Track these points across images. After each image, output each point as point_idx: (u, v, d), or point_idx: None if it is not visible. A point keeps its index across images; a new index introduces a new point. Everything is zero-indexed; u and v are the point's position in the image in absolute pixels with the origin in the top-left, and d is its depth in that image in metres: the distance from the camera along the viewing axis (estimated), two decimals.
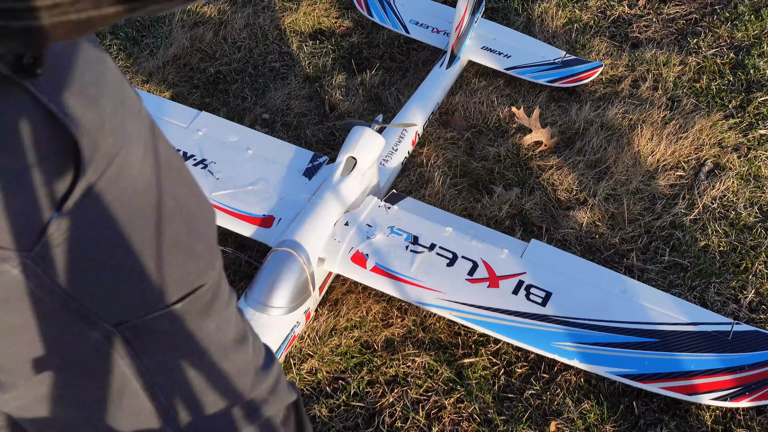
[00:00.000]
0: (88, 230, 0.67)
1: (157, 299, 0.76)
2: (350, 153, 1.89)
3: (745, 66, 2.51)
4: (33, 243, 0.64)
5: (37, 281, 0.66)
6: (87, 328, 0.72)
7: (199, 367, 0.85)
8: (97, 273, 0.70)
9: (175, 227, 0.75)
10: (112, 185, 0.67)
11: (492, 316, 1.67)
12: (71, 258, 0.67)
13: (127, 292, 0.73)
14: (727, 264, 1.94)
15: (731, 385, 1.53)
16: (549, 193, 2.17)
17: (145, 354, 0.78)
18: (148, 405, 0.83)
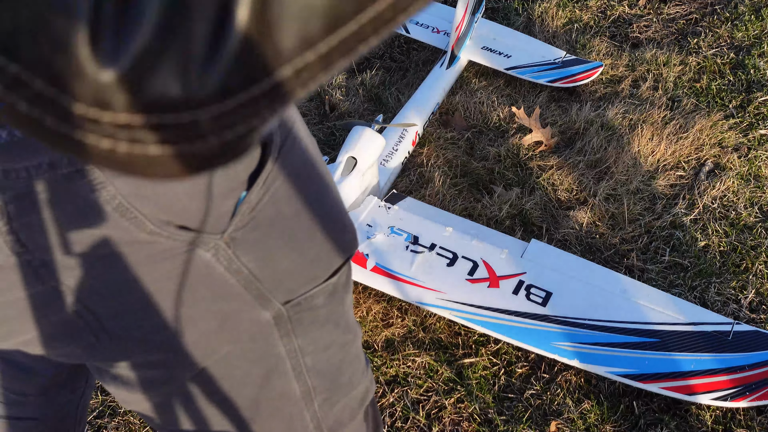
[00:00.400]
0: (271, 206, 0.66)
1: (321, 272, 0.76)
2: (350, 153, 1.89)
3: (745, 66, 2.51)
4: (225, 225, 0.64)
5: (227, 263, 0.66)
6: (260, 309, 0.72)
7: (340, 345, 0.85)
8: (278, 249, 0.69)
9: (330, 199, 0.76)
10: (289, 158, 0.67)
11: (492, 316, 1.68)
12: (257, 237, 0.66)
13: (301, 266, 0.73)
14: (728, 264, 1.94)
15: (731, 385, 1.53)
16: (549, 193, 2.17)
17: (301, 332, 0.78)
18: (294, 386, 0.82)
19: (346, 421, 0.94)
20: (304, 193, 0.70)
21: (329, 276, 0.77)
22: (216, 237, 0.64)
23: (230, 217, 0.64)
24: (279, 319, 0.74)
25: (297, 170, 0.69)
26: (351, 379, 0.91)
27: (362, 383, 0.95)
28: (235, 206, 0.63)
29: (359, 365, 0.93)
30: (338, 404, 0.91)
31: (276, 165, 0.65)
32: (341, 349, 0.86)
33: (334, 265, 0.77)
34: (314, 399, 0.86)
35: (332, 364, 0.86)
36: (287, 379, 0.81)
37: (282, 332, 0.76)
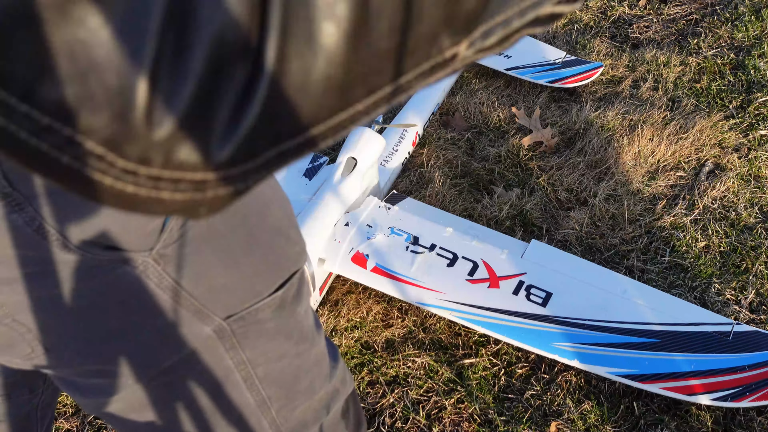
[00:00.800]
0: (201, 225, 0.67)
1: (263, 287, 0.76)
2: (350, 153, 1.89)
3: (745, 66, 2.51)
4: (153, 243, 0.64)
5: (158, 280, 0.66)
6: (199, 324, 0.72)
7: (294, 355, 0.86)
8: (212, 265, 0.70)
9: (275, 214, 0.76)
10: None
11: (492, 316, 1.67)
12: (188, 253, 0.67)
13: (239, 282, 0.73)
14: (728, 264, 1.94)
15: (731, 386, 1.53)
16: (549, 193, 2.17)
17: (248, 345, 0.78)
18: (247, 396, 0.83)
19: (310, 423, 0.95)
20: (242, 208, 0.70)
21: (274, 290, 0.77)
22: (144, 254, 0.64)
23: (158, 234, 0.64)
24: (221, 333, 0.74)
25: None
26: (312, 384, 0.91)
27: (326, 387, 0.95)
28: (163, 223, 0.64)
29: (320, 370, 0.93)
30: (298, 409, 0.91)
31: None
32: (296, 358, 0.86)
33: (279, 280, 0.77)
34: (270, 407, 0.86)
35: (287, 374, 0.86)
36: (239, 390, 0.82)
37: (227, 345, 0.76)
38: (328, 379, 0.95)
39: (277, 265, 0.77)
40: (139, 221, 0.62)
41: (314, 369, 0.91)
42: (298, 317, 0.84)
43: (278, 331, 0.81)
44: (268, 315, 0.78)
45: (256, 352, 0.80)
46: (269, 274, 0.76)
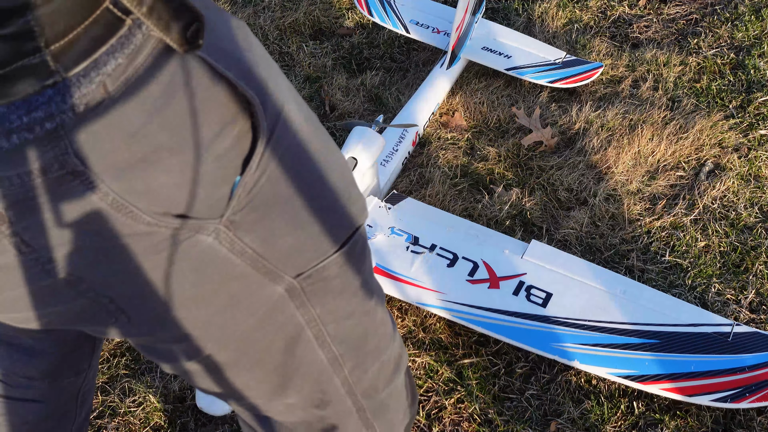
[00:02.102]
0: (268, 187, 0.68)
1: (330, 244, 0.78)
2: (351, 153, 1.89)
3: (745, 66, 2.51)
4: (223, 209, 0.66)
5: (230, 245, 0.68)
6: (271, 284, 0.74)
7: (361, 313, 0.88)
8: (280, 227, 0.72)
9: (335, 174, 0.78)
10: (281, 140, 0.69)
11: (492, 316, 1.68)
12: (257, 218, 0.69)
13: (306, 241, 0.75)
14: (728, 264, 1.94)
15: (731, 387, 1.54)
16: (549, 193, 2.17)
17: (317, 302, 0.80)
18: (319, 353, 0.85)
19: (381, 387, 0.98)
20: (303, 171, 0.72)
21: (339, 247, 0.79)
22: (215, 221, 0.66)
23: (227, 202, 0.66)
24: (292, 291, 0.77)
25: (292, 150, 0.71)
26: (378, 344, 0.94)
27: (391, 348, 0.98)
28: (231, 190, 0.65)
29: (385, 331, 0.95)
30: (370, 370, 0.94)
31: (269, 148, 0.67)
32: (364, 317, 0.89)
33: (342, 237, 0.80)
34: (343, 365, 0.89)
35: (356, 332, 0.89)
36: (311, 347, 0.84)
37: (297, 303, 0.78)
38: (392, 343, 0.98)
39: (340, 223, 0.79)
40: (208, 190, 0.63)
41: (380, 329, 0.94)
42: (363, 275, 0.86)
43: (344, 288, 0.83)
44: (334, 272, 0.80)
45: (326, 309, 0.82)
46: (334, 231, 0.78)
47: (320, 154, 0.76)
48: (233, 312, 0.74)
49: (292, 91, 0.74)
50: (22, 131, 0.53)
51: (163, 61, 0.57)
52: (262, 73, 0.66)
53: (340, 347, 0.87)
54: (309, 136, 0.74)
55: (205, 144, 0.61)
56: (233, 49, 0.64)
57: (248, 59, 0.65)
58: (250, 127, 0.65)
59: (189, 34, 0.55)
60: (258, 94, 0.64)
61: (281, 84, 0.71)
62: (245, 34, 0.68)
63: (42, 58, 0.51)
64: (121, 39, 0.54)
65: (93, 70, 0.54)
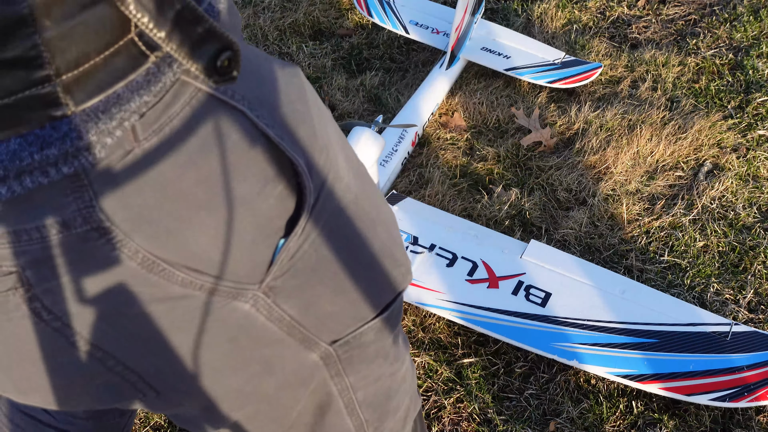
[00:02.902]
0: (311, 253, 0.64)
1: (368, 311, 0.74)
2: None
3: (744, 67, 2.51)
4: (263, 275, 0.61)
5: (267, 313, 0.64)
6: (306, 351, 0.70)
7: (389, 375, 0.84)
8: (321, 294, 0.67)
9: (380, 235, 0.73)
10: (327, 202, 0.64)
11: (492, 316, 1.68)
12: (298, 284, 0.64)
13: (345, 308, 0.71)
14: (726, 264, 1.94)
15: (730, 386, 1.54)
16: (548, 193, 2.18)
17: (351, 370, 0.76)
18: (347, 422, 0.81)
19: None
20: (348, 235, 0.68)
21: (378, 313, 0.75)
22: (254, 287, 0.61)
23: (268, 267, 0.61)
24: (328, 359, 0.72)
25: (339, 213, 0.66)
26: (398, 402, 0.90)
27: (407, 402, 0.93)
28: (273, 255, 0.61)
29: (407, 387, 0.91)
30: (387, 427, 0.90)
31: (317, 209, 0.62)
32: (390, 378, 0.85)
33: (383, 303, 0.75)
34: (366, 430, 0.85)
35: (381, 394, 0.85)
36: (341, 417, 0.80)
37: (332, 372, 0.74)
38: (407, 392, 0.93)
39: (383, 288, 0.75)
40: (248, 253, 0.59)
41: (402, 386, 0.89)
42: (395, 337, 0.82)
43: (378, 353, 0.79)
44: (371, 338, 0.75)
45: (359, 376, 0.78)
46: (375, 297, 0.74)
47: (368, 214, 0.70)
48: (266, 379, 0.69)
49: (342, 143, 0.68)
50: (35, 172, 0.47)
51: (200, 112, 0.53)
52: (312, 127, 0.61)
53: (366, 413, 0.83)
54: (358, 196, 0.68)
55: (245, 203, 0.56)
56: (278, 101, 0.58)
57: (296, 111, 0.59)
58: (294, 188, 0.60)
59: (219, 63, 0.49)
60: (304, 155, 0.59)
61: (332, 139, 0.65)
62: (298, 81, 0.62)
63: (52, 88, 0.46)
64: (147, 76, 0.49)
65: (114, 107, 0.48)
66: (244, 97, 0.55)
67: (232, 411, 0.71)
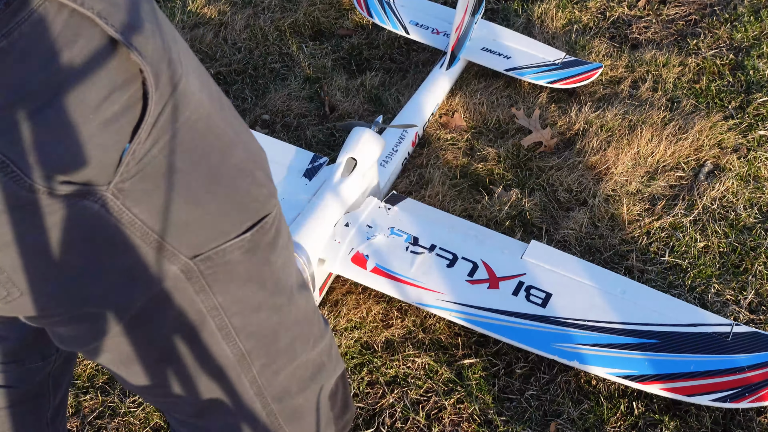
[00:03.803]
0: (161, 158, 0.67)
1: (229, 228, 0.76)
2: (350, 154, 1.89)
3: (744, 67, 2.51)
4: (110, 176, 0.64)
5: (118, 215, 0.67)
6: (165, 262, 0.72)
7: (271, 307, 0.85)
8: (173, 203, 0.70)
9: (237, 154, 0.76)
10: (176, 112, 0.67)
11: (492, 317, 1.68)
12: (148, 188, 0.67)
13: (203, 221, 0.73)
14: (727, 265, 1.94)
15: (731, 387, 1.54)
16: (549, 194, 2.17)
17: (218, 289, 0.78)
18: (224, 348, 0.83)
19: (294, 392, 0.94)
20: (200, 147, 0.71)
21: (242, 232, 0.77)
22: (102, 188, 0.64)
23: (115, 168, 0.64)
24: (189, 273, 0.75)
25: (189, 124, 0.69)
26: (292, 344, 0.90)
27: (309, 353, 0.94)
28: (120, 157, 0.64)
29: (302, 332, 0.92)
30: (282, 372, 0.91)
31: (163, 118, 0.66)
32: (275, 313, 0.86)
33: (247, 222, 0.77)
34: (252, 364, 0.86)
35: (265, 328, 0.86)
36: (216, 340, 0.81)
37: (197, 288, 0.76)
38: (312, 346, 0.94)
39: (244, 206, 0.77)
40: (94, 154, 0.62)
41: (295, 329, 0.90)
42: (273, 267, 0.83)
43: (250, 277, 0.80)
44: (237, 257, 0.77)
45: (228, 297, 0.79)
46: (236, 214, 0.76)
47: (224, 133, 0.74)
48: (127, 287, 0.72)
49: (197, 69, 0.73)
50: None
51: (49, 18, 0.56)
52: (161, 41, 0.65)
53: (247, 342, 0.84)
54: (210, 113, 0.72)
55: (92, 106, 0.60)
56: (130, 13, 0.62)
57: (146, 25, 0.64)
58: (142, 96, 0.64)
59: None
60: (152, 62, 0.63)
61: (182, 57, 0.70)
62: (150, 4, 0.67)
63: None
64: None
65: None
66: (93, 7, 0.58)
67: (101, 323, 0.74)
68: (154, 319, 0.77)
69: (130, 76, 0.63)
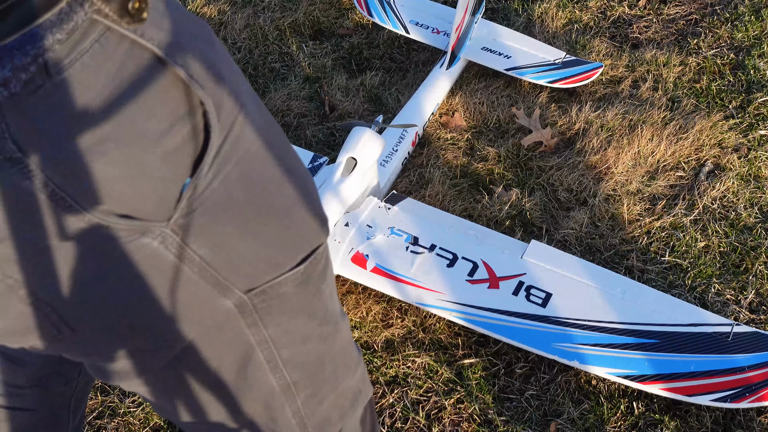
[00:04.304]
0: (221, 191, 0.66)
1: (284, 261, 0.75)
2: (350, 153, 1.89)
3: (745, 66, 2.51)
4: (171, 212, 0.63)
5: (177, 251, 0.65)
6: (220, 297, 0.71)
7: (318, 337, 0.84)
8: (231, 237, 0.69)
9: (293, 186, 0.74)
10: (237, 144, 0.66)
11: (492, 317, 1.68)
12: (206, 223, 0.66)
13: (259, 255, 0.72)
14: (727, 265, 1.94)
15: (731, 387, 1.53)
16: (549, 193, 2.17)
17: (270, 321, 0.77)
18: (270, 379, 0.82)
19: (335, 420, 0.93)
20: (259, 177, 0.70)
21: (296, 264, 0.76)
22: (161, 224, 0.63)
23: (175, 203, 0.63)
24: (242, 307, 0.74)
25: (249, 154, 0.68)
26: (335, 372, 0.90)
27: (350, 380, 0.93)
28: (180, 192, 0.63)
29: (344, 360, 0.91)
30: (326, 401, 0.90)
31: (225, 149, 0.65)
32: (322, 342, 0.85)
33: (301, 253, 0.76)
34: (296, 395, 0.85)
35: (312, 357, 0.85)
36: (263, 371, 0.80)
37: (248, 321, 0.75)
38: (352, 373, 0.94)
39: (298, 237, 0.76)
40: (155, 189, 0.61)
41: (338, 357, 0.89)
42: (322, 296, 0.82)
43: (301, 309, 0.79)
44: (290, 290, 0.76)
45: (279, 330, 0.78)
46: (290, 246, 0.75)
47: (280, 161, 0.73)
48: (179, 323, 0.71)
49: (252, 95, 0.72)
50: None
51: (110, 50, 0.55)
52: (220, 72, 0.64)
53: (293, 374, 0.83)
54: (269, 142, 0.71)
55: (153, 139, 0.59)
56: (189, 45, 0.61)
57: (205, 56, 0.63)
58: (203, 127, 0.62)
59: (131, 6, 0.54)
60: (213, 94, 0.62)
61: (241, 86, 0.69)
62: (206, 31, 0.66)
63: None
64: (60, 15, 0.52)
65: (29, 44, 0.51)
66: (153, 38, 0.58)
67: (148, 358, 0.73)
68: (201, 352, 0.75)
69: (191, 107, 0.61)
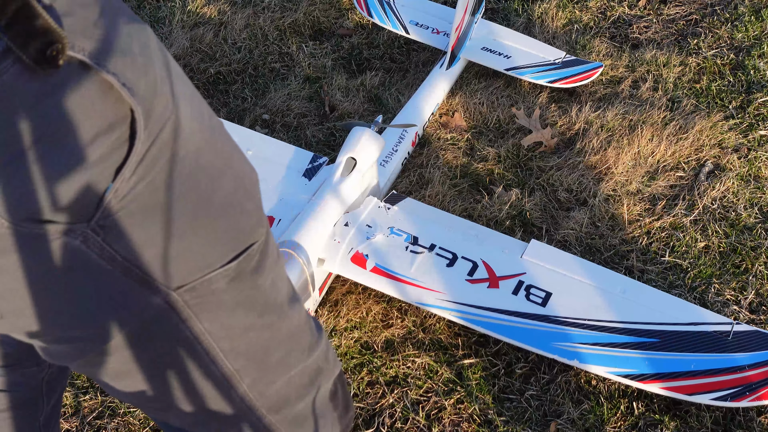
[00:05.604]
0: (147, 194, 0.67)
1: (214, 259, 0.76)
2: (350, 153, 1.89)
3: (745, 67, 2.51)
4: (91, 213, 0.65)
5: (99, 250, 0.67)
6: (148, 294, 0.73)
7: (261, 327, 0.86)
8: (156, 237, 0.70)
9: (226, 186, 0.76)
10: (165, 149, 0.67)
11: (492, 316, 1.67)
12: (130, 224, 0.67)
13: (188, 254, 0.73)
14: (727, 265, 1.94)
15: (731, 385, 1.53)
16: (549, 193, 2.17)
17: (205, 317, 0.78)
18: (214, 370, 0.84)
19: (293, 399, 0.96)
20: (186, 182, 0.71)
21: (227, 261, 0.77)
22: (82, 226, 0.65)
23: (96, 206, 0.64)
24: (174, 303, 0.75)
25: (177, 160, 0.69)
26: (286, 358, 0.92)
27: (305, 361, 0.95)
28: (102, 195, 0.64)
29: (296, 344, 0.93)
30: (276, 383, 0.92)
31: (151, 154, 0.66)
32: (265, 330, 0.87)
33: (232, 252, 0.78)
34: (241, 380, 0.87)
35: (255, 346, 0.86)
36: (203, 361, 0.82)
37: (183, 316, 0.77)
38: (307, 355, 0.95)
39: (230, 237, 0.77)
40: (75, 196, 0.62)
41: (287, 342, 0.91)
42: (260, 290, 0.84)
43: (237, 303, 0.81)
44: (223, 285, 0.78)
45: (216, 324, 0.80)
46: (222, 245, 0.76)
47: (212, 165, 0.74)
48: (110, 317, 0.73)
49: (189, 96, 0.72)
50: None
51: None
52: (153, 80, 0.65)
53: (236, 362, 0.85)
54: (200, 146, 0.72)
55: (77, 149, 0.60)
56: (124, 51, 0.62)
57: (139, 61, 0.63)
58: (129, 136, 0.64)
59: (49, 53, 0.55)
60: (143, 101, 0.63)
61: (178, 87, 0.70)
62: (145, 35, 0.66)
63: None
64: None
65: None
66: (84, 48, 0.58)
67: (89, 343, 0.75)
68: (141, 341, 0.77)
69: (119, 117, 0.62)
